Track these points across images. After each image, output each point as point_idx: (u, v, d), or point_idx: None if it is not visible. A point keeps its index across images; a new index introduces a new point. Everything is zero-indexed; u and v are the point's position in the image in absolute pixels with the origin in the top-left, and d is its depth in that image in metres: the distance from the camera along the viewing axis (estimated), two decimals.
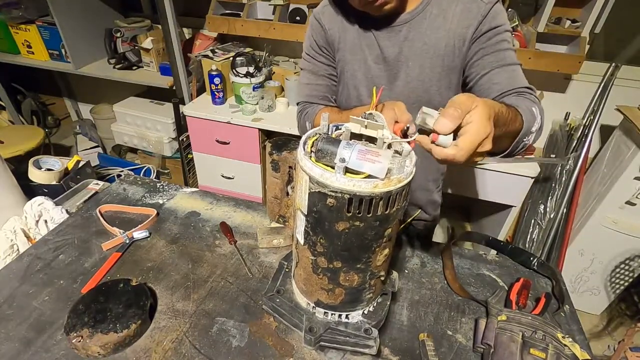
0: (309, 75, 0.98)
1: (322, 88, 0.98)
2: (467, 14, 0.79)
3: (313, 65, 0.97)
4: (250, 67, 1.93)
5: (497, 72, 0.79)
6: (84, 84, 2.84)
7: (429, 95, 0.88)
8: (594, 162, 1.97)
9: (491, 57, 0.80)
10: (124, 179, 1.11)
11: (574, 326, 0.76)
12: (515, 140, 0.66)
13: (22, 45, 2.31)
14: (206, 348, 0.66)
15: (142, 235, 0.89)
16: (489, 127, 0.47)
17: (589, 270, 1.94)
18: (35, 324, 0.68)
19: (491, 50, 0.80)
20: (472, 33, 0.80)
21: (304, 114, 0.99)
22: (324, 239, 0.55)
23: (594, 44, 1.83)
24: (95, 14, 2.26)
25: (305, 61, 0.98)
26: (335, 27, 0.90)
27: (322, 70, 0.96)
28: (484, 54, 0.80)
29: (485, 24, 0.79)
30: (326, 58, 0.95)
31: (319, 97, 0.98)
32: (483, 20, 0.78)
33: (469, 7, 0.79)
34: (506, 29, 0.80)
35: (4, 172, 0.97)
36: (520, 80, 0.79)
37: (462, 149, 0.47)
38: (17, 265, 0.81)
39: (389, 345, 0.69)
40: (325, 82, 0.97)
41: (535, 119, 0.69)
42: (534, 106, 0.71)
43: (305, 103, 1.00)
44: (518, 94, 0.77)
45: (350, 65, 0.92)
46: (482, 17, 0.78)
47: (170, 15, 1.82)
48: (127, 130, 2.42)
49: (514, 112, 0.63)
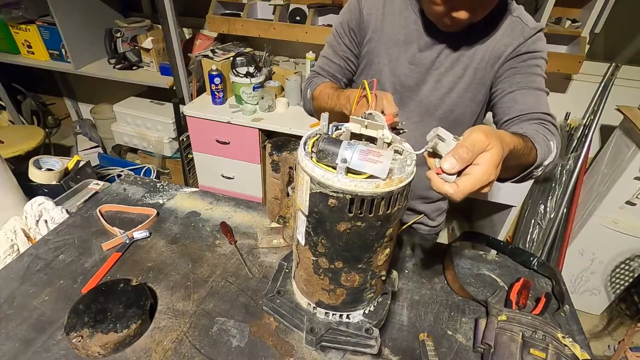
0: (329, 50, 0.97)
1: (335, 67, 0.97)
2: (510, 32, 0.79)
3: (336, 43, 0.95)
4: (251, 67, 1.94)
5: (523, 93, 0.78)
6: (84, 84, 2.84)
7: (453, 105, 0.87)
8: (594, 162, 1.97)
9: (521, 77, 0.79)
10: (124, 179, 1.11)
11: (574, 326, 0.76)
12: (525, 172, 0.66)
13: (22, 45, 2.31)
14: (206, 348, 0.66)
15: (142, 235, 0.89)
16: (494, 174, 0.46)
17: (589, 270, 1.95)
18: (35, 323, 0.68)
19: (523, 71, 0.79)
20: (510, 52, 0.79)
21: (309, 82, 0.99)
22: (325, 240, 0.55)
23: (594, 44, 1.83)
24: (96, 14, 2.26)
25: (332, 36, 0.96)
26: (375, 14, 0.87)
27: (341, 51, 0.95)
28: (514, 73, 0.80)
29: (524, 46, 0.79)
30: (350, 42, 0.93)
31: (329, 73, 0.98)
32: (524, 42, 0.78)
33: (513, 26, 0.79)
34: (543, 57, 0.80)
35: (4, 172, 0.97)
36: (543, 106, 0.77)
37: (461, 190, 0.45)
38: (18, 265, 0.81)
39: (389, 345, 0.69)
40: (340, 63, 0.96)
41: (550, 153, 0.68)
42: (553, 140, 0.70)
43: (315, 73, 1.00)
44: (539, 120, 0.75)
45: (380, 58, 0.89)
46: (524, 39, 0.78)
47: (171, 15, 1.82)
48: (127, 130, 2.42)
49: (530, 147, 0.62)
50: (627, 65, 1.81)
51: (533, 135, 0.67)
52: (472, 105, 0.87)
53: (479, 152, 0.45)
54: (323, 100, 0.88)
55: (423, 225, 1.13)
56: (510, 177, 0.69)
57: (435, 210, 1.10)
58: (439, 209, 1.11)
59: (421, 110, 0.90)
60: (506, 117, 0.80)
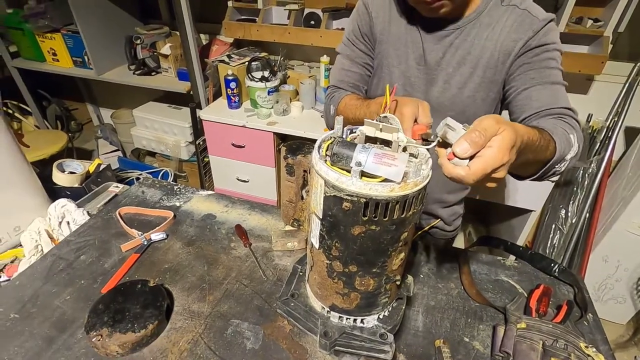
0: (344, 60, 0.96)
1: (355, 76, 0.95)
2: (518, 27, 0.77)
3: (350, 51, 0.94)
4: (266, 72, 1.96)
5: (539, 90, 0.75)
6: (105, 89, 2.93)
7: (464, 105, 0.86)
8: (618, 165, 1.91)
9: (535, 72, 0.76)
10: (143, 182, 1.13)
11: (598, 336, 0.73)
12: (545, 167, 0.63)
13: (48, 53, 2.40)
14: (221, 350, 0.67)
15: (160, 237, 0.91)
16: (508, 156, 0.45)
17: (613, 278, 1.87)
18: (57, 322, 0.70)
19: (536, 66, 0.76)
20: (520, 47, 0.77)
21: (331, 98, 0.97)
22: (339, 243, 0.55)
23: (617, 44, 1.77)
24: (116, 22, 2.33)
25: (344, 45, 0.96)
26: (382, 16, 0.88)
27: (358, 58, 0.94)
28: (528, 69, 0.77)
29: (535, 40, 0.76)
30: (366, 46, 0.93)
31: (350, 84, 0.95)
32: (534, 35, 0.75)
33: (521, 20, 0.77)
34: (556, 48, 0.76)
35: (30, 175, 1.01)
36: (562, 100, 0.74)
37: (473, 172, 0.44)
38: (41, 265, 0.83)
39: (404, 351, 0.68)
40: (359, 71, 0.95)
41: (571, 147, 0.65)
42: (573, 133, 0.67)
43: (335, 88, 0.98)
44: (558, 115, 0.72)
45: (389, 60, 0.89)
46: (534, 32, 0.75)
47: (188, 21, 1.86)
48: (146, 134, 2.48)
49: (547, 139, 0.60)
50: None
51: (551, 128, 0.65)
52: (484, 105, 0.85)
53: (491, 136, 0.45)
54: (351, 112, 0.86)
55: (439, 230, 1.11)
56: (532, 174, 0.66)
57: (452, 214, 1.08)
58: (454, 213, 1.09)
59: (432, 111, 0.89)
60: (523, 115, 0.77)
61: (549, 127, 0.65)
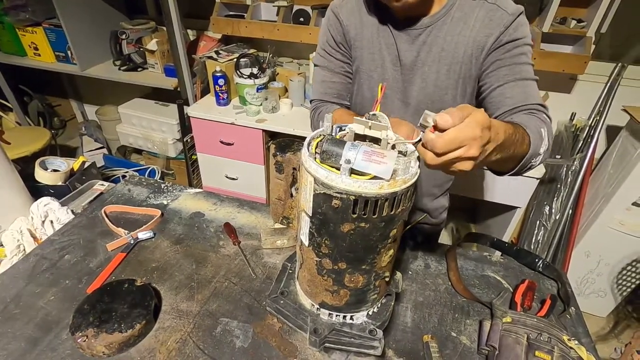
0: (324, 72, 0.95)
1: (337, 86, 0.95)
2: (489, 22, 0.77)
3: (328, 62, 0.94)
4: (254, 69, 1.94)
5: (511, 86, 0.77)
6: (90, 85, 2.86)
7: (442, 102, 0.86)
8: (600, 163, 1.96)
9: (507, 69, 0.78)
10: (129, 180, 1.11)
11: (580, 328, 0.75)
12: (521, 162, 0.65)
13: (29, 47, 2.33)
14: (210, 348, 0.66)
15: (147, 236, 0.90)
16: (479, 132, 0.46)
17: (595, 272, 1.93)
18: (41, 323, 0.69)
19: (508, 62, 0.77)
20: (492, 43, 0.77)
21: (317, 113, 0.97)
22: (328, 241, 0.55)
23: (600, 44, 1.81)
24: (101, 16, 2.27)
25: (321, 57, 0.95)
26: (353, 22, 0.87)
27: (337, 68, 0.93)
28: (500, 66, 0.78)
29: (506, 35, 0.76)
30: (342, 55, 0.92)
31: (333, 94, 0.95)
32: (505, 31, 0.76)
33: (491, 15, 0.77)
34: (526, 43, 0.78)
35: (11, 173, 0.98)
36: (533, 96, 0.76)
37: (442, 137, 0.45)
38: (24, 265, 0.81)
39: (392, 346, 0.69)
40: (341, 80, 0.95)
41: (542, 141, 0.68)
42: (543, 127, 0.70)
43: (319, 101, 0.97)
44: (529, 111, 0.75)
45: (366, 65, 0.89)
46: (505, 27, 0.76)
47: (175, 17, 1.83)
48: (132, 132, 2.43)
49: (522, 134, 0.62)
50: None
51: (524, 123, 0.67)
52: (463, 100, 0.86)
53: (468, 114, 0.46)
54: None
55: (426, 224, 1.13)
56: (510, 169, 0.68)
57: (438, 207, 1.10)
58: (441, 205, 1.11)
59: (412, 111, 0.90)
60: (497, 113, 0.79)
61: (523, 122, 0.67)
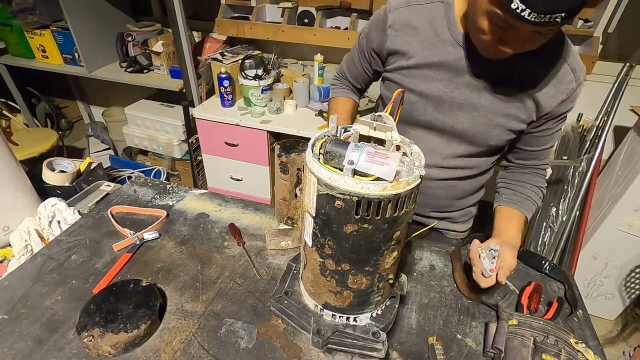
0: (351, 57, 0.99)
1: (357, 72, 1.00)
2: (558, 83, 0.76)
3: (357, 54, 0.95)
4: (259, 70, 1.95)
5: (537, 152, 0.89)
6: (96, 87, 2.89)
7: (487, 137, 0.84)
8: (607, 163, 1.93)
9: (544, 139, 0.86)
10: (135, 181, 1.12)
11: (588, 331, 0.74)
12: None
13: (37, 50, 2.36)
14: (215, 349, 0.66)
15: (152, 236, 0.90)
16: (515, 261, 0.75)
17: (602, 274, 1.90)
18: (48, 323, 0.70)
19: (549, 132, 0.85)
20: (550, 110, 0.79)
21: (332, 87, 1.09)
22: (332, 241, 0.55)
23: (607, 44, 1.79)
24: (108, 19, 2.30)
25: (358, 42, 0.94)
26: (410, 37, 0.80)
27: (359, 65, 0.96)
28: (543, 135, 0.85)
29: (562, 106, 0.79)
30: (368, 62, 0.93)
31: (352, 76, 1.02)
32: (566, 100, 0.78)
33: (563, 76, 0.75)
34: (571, 110, 0.82)
35: (19, 173, 0.99)
36: (547, 158, 0.91)
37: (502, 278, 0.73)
38: (31, 265, 0.82)
39: (397, 348, 0.69)
40: (361, 70, 0.97)
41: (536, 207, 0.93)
42: (542, 189, 0.93)
43: (340, 77, 1.07)
44: (537, 173, 0.93)
45: (410, 80, 0.83)
46: (567, 96, 0.77)
47: (180, 18, 1.84)
48: (138, 133, 2.45)
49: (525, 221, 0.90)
50: None
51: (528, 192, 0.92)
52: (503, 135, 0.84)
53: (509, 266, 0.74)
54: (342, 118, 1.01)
55: (450, 231, 1.07)
56: None
57: (463, 215, 1.06)
58: (467, 213, 1.06)
59: (451, 135, 0.86)
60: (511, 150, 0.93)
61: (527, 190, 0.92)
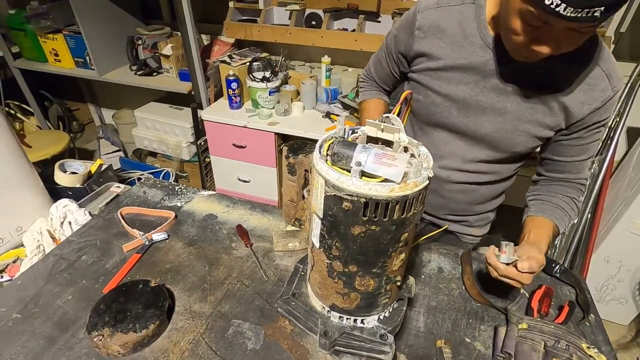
0: (378, 58, 0.99)
1: (383, 73, 1.00)
2: (590, 89, 0.72)
3: (384, 55, 0.95)
4: (267, 72, 1.96)
5: (574, 164, 0.84)
6: (107, 90, 2.94)
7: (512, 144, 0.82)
8: (620, 165, 1.90)
9: (575, 150, 0.81)
10: (144, 182, 1.14)
11: (600, 336, 0.73)
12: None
13: (50, 54, 2.40)
14: (222, 350, 0.67)
15: (161, 237, 0.91)
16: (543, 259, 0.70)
17: (615, 278, 1.86)
18: (59, 322, 0.71)
19: (581, 142, 0.80)
20: (582, 118, 0.74)
21: (360, 88, 1.10)
22: (339, 243, 0.55)
23: (620, 44, 1.77)
24: (118, 23, 2.33)
25: (385, 43, 0.94)
26: (438, 39, 0.79)
27: (386, 66, 0.97)
28: (574, 144, 0.80)
29: (596, 114, 0.74)
30: (395, 63, 0.93)
31: (379, 77, 1.03)
32: (600, 108, 0.73)
33: (596, 82, 0.71)
34: (608, 121, 0.79)
35: (32, 175, 1.01)
36: (584, 172, 0.86)
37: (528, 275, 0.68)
38: (43, 265, 0.84)
39: (405, 351, 0.68)
40: (388, 71, 0.97)
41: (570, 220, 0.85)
42: (576, 201, 0.86)
43: (367, 77, 1.07)
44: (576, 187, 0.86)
45: (436, 82, 0.82)
46: (602, 103, 0.72)
47: (189, 22, 1.86)
48: (147, 135, 2.48)
49: (557, 231, 0.82)
50: None
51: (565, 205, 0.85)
52: (528, 142, 0.81)
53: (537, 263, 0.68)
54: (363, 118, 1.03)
55: (467, 235, 1.06)
56: None
57: (480, 219, 1.04)
58: (484, 218, 1.05)
59: (474, 139, 0.86)
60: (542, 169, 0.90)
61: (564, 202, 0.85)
